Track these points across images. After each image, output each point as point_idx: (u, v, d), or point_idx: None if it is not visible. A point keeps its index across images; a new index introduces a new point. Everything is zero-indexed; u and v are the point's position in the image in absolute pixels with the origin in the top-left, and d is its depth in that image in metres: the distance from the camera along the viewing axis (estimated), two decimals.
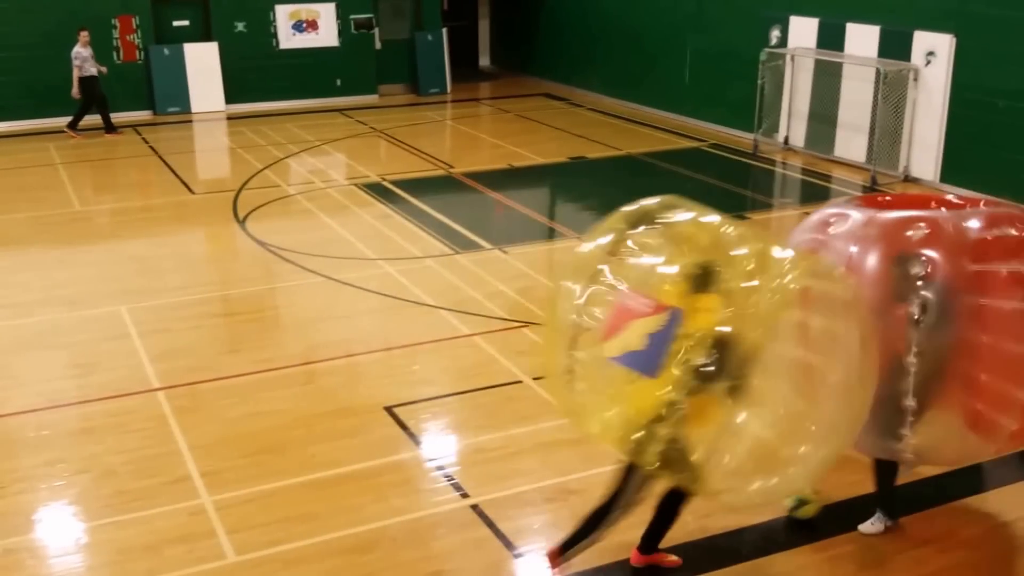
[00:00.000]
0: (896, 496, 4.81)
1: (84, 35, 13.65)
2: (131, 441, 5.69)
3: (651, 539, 4.44)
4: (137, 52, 15.50)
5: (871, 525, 4.77)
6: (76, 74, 13.58)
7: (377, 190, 11.14)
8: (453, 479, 5.29)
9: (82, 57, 13.63)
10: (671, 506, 4.35)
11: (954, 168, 10.91)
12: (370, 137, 14.27)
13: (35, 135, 14.21)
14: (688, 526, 4.74)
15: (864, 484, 4.87)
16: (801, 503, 4.79)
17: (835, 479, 4.92)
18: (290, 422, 5.90)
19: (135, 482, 5.25)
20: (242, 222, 9.94)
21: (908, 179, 11.38)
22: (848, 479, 5.02)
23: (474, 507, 5.01)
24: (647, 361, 3.84)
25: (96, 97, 13.84)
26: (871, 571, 4.56)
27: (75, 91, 13.65)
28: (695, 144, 13.56)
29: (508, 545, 4.71)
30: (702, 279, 3.86)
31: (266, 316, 7.77)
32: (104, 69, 13.93)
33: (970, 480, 5.24)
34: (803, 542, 4.73)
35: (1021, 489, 5.22)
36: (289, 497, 5.12)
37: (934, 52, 10.93)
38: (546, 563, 4.35)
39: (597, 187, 11.38)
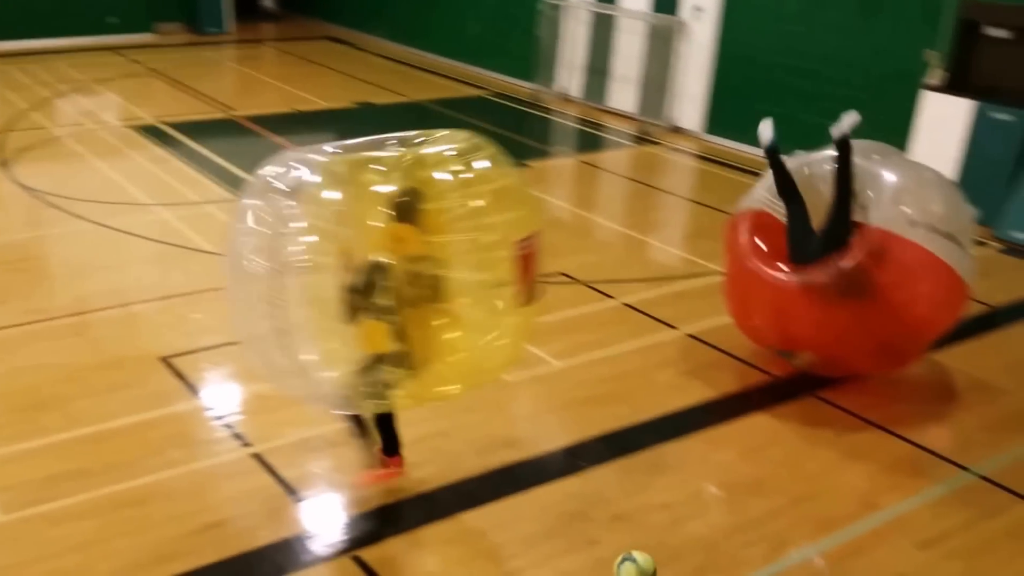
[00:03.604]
0: None
1: None
2: None
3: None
4: None
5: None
6: None
7: (153, 132, 10.72)
8: (234, 429, 5.27)
9: None
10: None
11: (717, 120, 11.56)
12: (145, 77, 13.65)
13: None
14: (468, 462, 4.98)
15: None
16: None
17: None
18: (59, 376, 5.69)
19: None
20: (5, 166, 9.36)
21: (676, 130, 11.97)
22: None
23: (256, 456, 5.01)
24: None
25: None
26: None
27: None
28: (478, 92, 13.73)
29: (291, 491, 4.75)
30: (405, 209, 4.05)
31: (32, 265, 7.39)
32: None
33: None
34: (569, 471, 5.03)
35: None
36: (58, 453, 4.96)
37: (701, 8, 11.47)
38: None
39: (383, 133, 11.32)
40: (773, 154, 5.97)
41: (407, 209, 4.03)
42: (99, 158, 9.73)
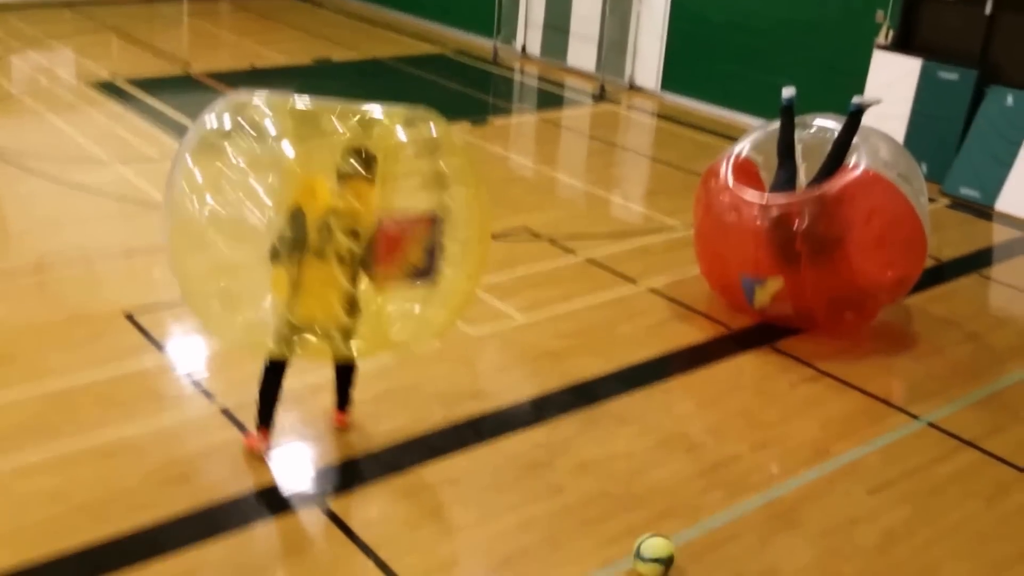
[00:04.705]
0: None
1: None
2: None
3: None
4: None
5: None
6: None
7: (109, 89, 10.59)
8: (200, 384, 5.30)
9: None
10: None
11: (672, 79, 11.63)
12: (100, 33, 13.43)
13: None
14: (435, 413, 5.07)
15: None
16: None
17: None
18: (21, 332, 5.68)
19: None
20: None
21: (633, 88, 12.03)
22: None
23: (224, 410, 5.06)
24: (430, 271, 4.20)
25: None
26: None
27: None
28: (438, 49, 13.67)
29: None
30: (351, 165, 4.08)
31: None
32: None
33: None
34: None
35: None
36: (21, 409, 4.96)
37: None
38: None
39: (344, 90, 11.17)
40: (787, 110, 6.22)
41: (343, 164, 4.07)
42: (55, 115, 9.61)
